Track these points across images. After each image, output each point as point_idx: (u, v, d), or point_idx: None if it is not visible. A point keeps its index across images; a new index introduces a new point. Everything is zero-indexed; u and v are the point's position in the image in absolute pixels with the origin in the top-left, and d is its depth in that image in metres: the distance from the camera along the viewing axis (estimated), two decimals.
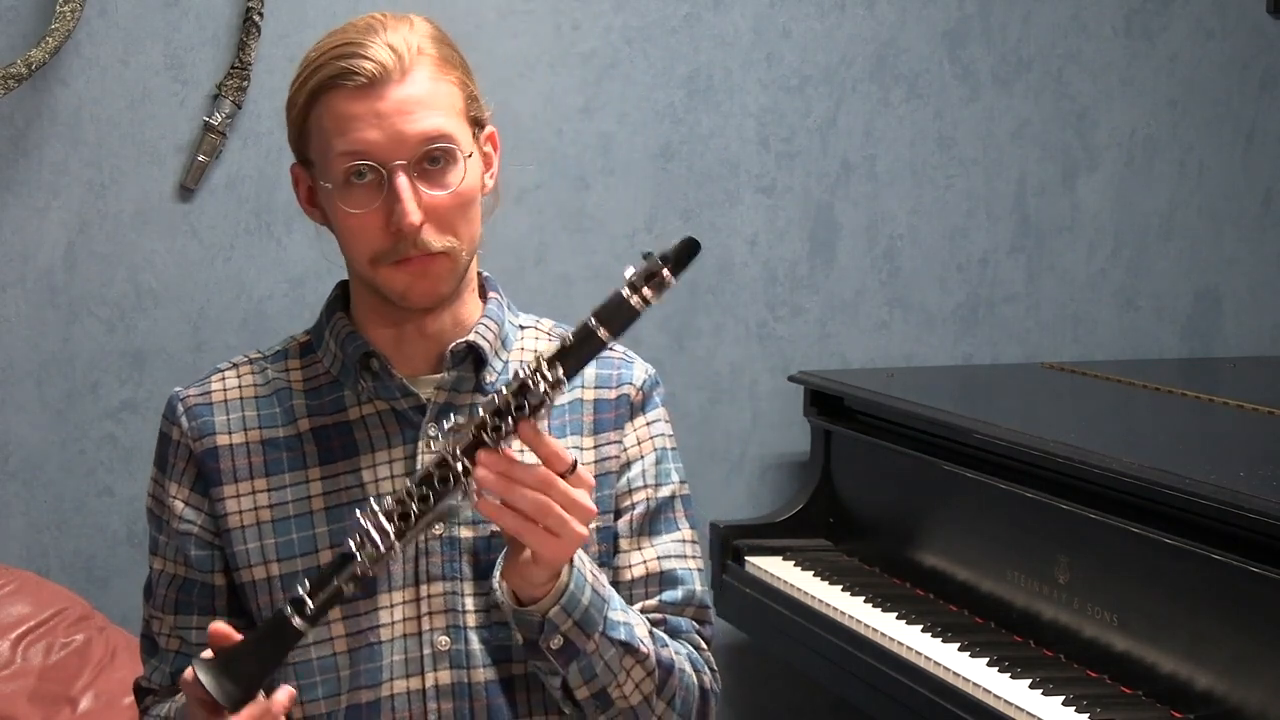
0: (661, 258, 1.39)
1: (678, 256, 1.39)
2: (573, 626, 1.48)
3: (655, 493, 1.66)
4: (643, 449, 1.66)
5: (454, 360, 1.60)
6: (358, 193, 1.52)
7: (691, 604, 1.66)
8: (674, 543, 1.66)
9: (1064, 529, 2.27)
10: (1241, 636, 1.98)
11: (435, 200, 1.52)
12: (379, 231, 1.52)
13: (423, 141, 1.51)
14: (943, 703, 2.23)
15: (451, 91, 1.54)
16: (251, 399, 1.62)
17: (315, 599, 1.41)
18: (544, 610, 1.47)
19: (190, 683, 1.41)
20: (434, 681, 1.56)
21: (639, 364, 1.71)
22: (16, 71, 2.59)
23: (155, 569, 1.64)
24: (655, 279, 1.39)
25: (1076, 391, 2.98)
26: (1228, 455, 2.40)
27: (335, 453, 1.59)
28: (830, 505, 2.92)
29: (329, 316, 1.65)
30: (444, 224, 1.53)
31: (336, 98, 1.51)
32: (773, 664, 3.19)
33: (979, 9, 3.25)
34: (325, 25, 2.89)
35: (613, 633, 1.52)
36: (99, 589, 2.79)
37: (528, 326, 1.70)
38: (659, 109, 3.07)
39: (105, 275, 2.77)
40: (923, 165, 3.26)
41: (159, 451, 1.64)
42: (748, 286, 3.17)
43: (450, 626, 1.56)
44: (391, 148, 1.50)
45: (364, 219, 1.52)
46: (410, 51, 1.52)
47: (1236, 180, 3.48)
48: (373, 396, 1.60)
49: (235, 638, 1.42)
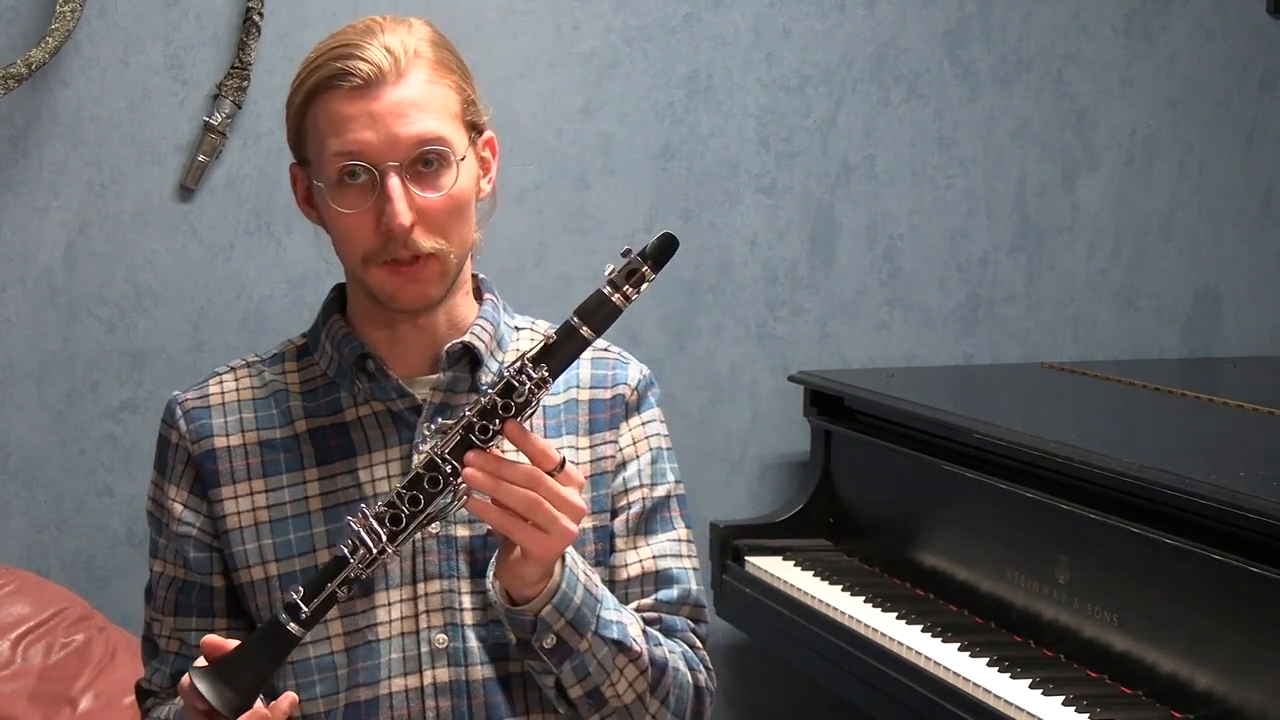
0: (641, 255, 1.41)
1: (656, 253, 1.42)
2: (565, 625, 1.49)
3: (651, 492, 1.67)
4: (638, 448, 1.67)
5: (449, 361, 1.61)
6: (350, 193, 1.53)
7: (687, 603, 1.67)
8: (670, 542, 1.67)
9: (1064, 529, 2.27)
10: (1241, 636, 1.98)
11: (427, 202, 1.53)
12: (370, 232, 1.53)
13: (416, 144, 1.52)
14: (943, 703, 2.23)
15: (447, 95, 1.55)
16: (249, 401, 1.63)
17: (309, 604, 1.42)
18: (536, 610, 1.48)
19: (188, 690, 1.41)
20: (432, 679, 1.56)
21: (634, 364, 1.71)
22: (16, 71, 2.59)
23: (155, 571, 1.65)
24: (635, 276, 1.42)
25: (1076, 391, 2.98)
26: (1228, 455, 2.40)
27: (332, 453, 1.60)
28: (830, 505, 2.93)
29: (325, 319, 1.65)
30: (435, 226, 1.54)
31: (332, 98, 1.52)
32: (773, 664, 3.19)
33: (979, 9, 3.25)
34: (325, 25, 2.91)
35: (605, 631, 1.52)
36: (99, 589, 2.79)
37: (523, 328, 1.70)
38: (659, 109, 3.07)
39: (105, 275, 2.78)
40: (923, 165, 3.26)
41: (158, 455, 1.65)
42: (748, 286, 3.17)
43: (447, 624, 1.57)
44: (384, 149, 1.51)
45: (356, 219, 1.53)
46: (407, 54, 1.53)
47: (1236, 180, 3.48)
48: (369, 398, 1.61)
49: (228, 647, 1.42)
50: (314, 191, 1.58)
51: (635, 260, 1.41)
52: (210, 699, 1.39)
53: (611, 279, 1.42)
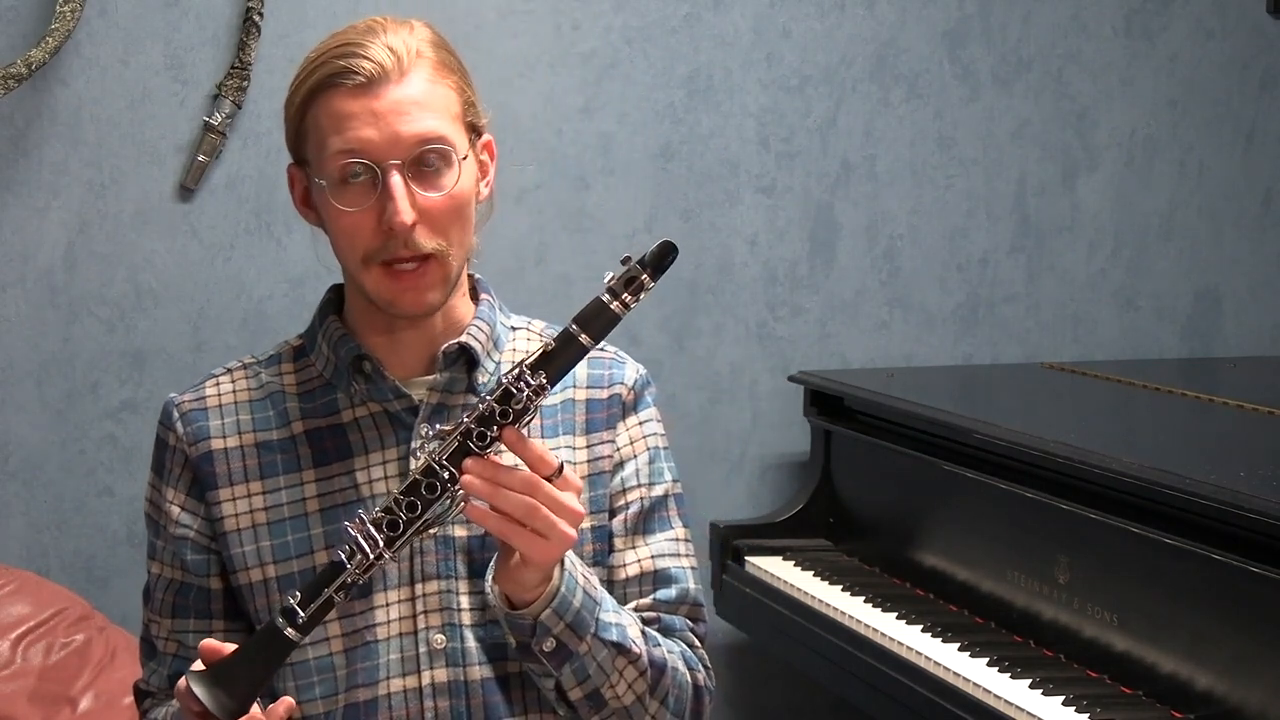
0: (640, 262, 1.42)
1: (655, 261, 1.42)
2: (565, 629, 1.49)
3: (649, 492, 1.67)
4: (635, 448, 1.67)
5: (446, 362, 1.61)
6: (352, 191, 1.53)
7: (685, 602, 1.67)
8: (668, 541, 1.67)
9: (1064, 529, 2.27)
10: (1241, 636, 1.98)
11: (429, 202, 1.53)
12: (371, 231, 1.53)
13: (418, 142, 1.52)
14: (943, 703, 2.23)
15: (448, 95, 1.55)
16: (246, 402, 1.63)
17: (306, 609, 1.42)
18: (536, 614, 1.48)
19: (184, 694, 1.41)
20: (430, 679, 1.56)
21: (630, 364, 1.71)
22: (16, 71, 2.59)
23: (153, 573, 1.65)
24: (634, 284, 1.42)
25: (1076, 391, 2.98)
26: (1228, 455, 2.40)
27: (329, 454, 1.60)
28: (830, 505, 2.93)
29: (321, 320, 1.65)
30: (436, 226, 1.54)
31: (334, 96, 1.52)
32: (773, 664, 3.19)
33: (979, 9, 3.25)
34: (325, 25, 2.91)
35: (605, 634, 1.53)
36: (99, 589, 2.79)
37: (519, 328, 1.70)
38: (659, 109, 3.07)
39: (105, 275, 2.78)
40: (923, 165, 3.26)
41: (155, 457, 1.66)
42: (748, 286, 3.16)
43: (446, 625, 1.57)
44: (386, 147, 1.51)
45: (357, 218, 1.53)
46: (409, 54, 1.53)
47: (1236, 180, 3.48)
48: (365, 399, 1.61)
49: (225, 651, 1.42)
50: (313, 190, 1.58)
51: (634, 268, 1.42)
52: (207, 704, 1.39)
53: (610, 286, 1.43)
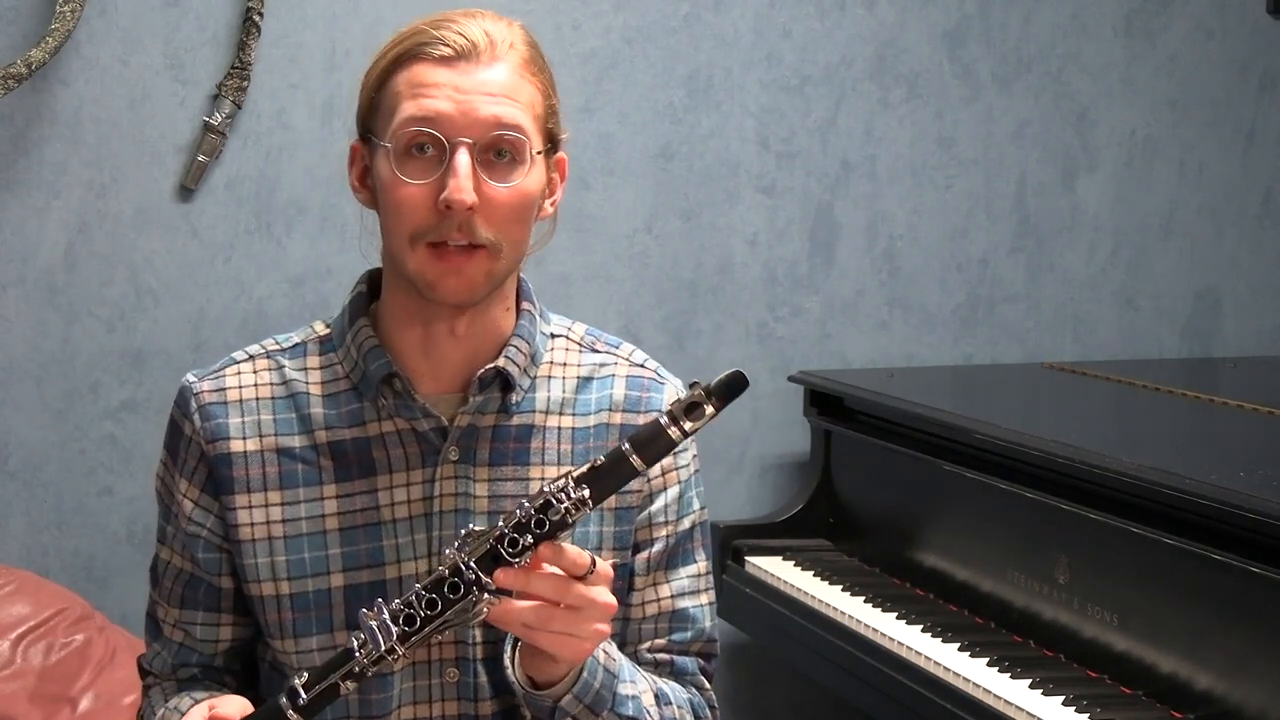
0: (706, 390, 1.37)
1: (722, 391, 1.37)
2: (583, 709, 1.48)
3: (676, 528, 1.63)
4: (667, 480, 1.63)
5: (480, 386, 1.55)
6: (416, 164, 1.47)
7: (700, 640, 1.65)
8: (689, 579, 1.64)
9: (1064, 529, 2.27)
10: (1241, 636, 1.98)
11: (493, 191, 1.47)
12: (427, 207, 1.46)
13: (493, 125, 1.47)
14: (943, 703, 2.23)
15: (533, 92, 1.51)
16: (268, 400, 1.58)
17: (310, 692, 1.39)
18: (558, 696, 1.46)
19: None
20: (441, 711, 1.55)
21: (670, 385, 1.65)
22: (16, 71, 2.59)
23: (163, 559, 1.61)
24: (696, 410, 1.38)
25: (1076, 391, 2.98)
26: (1228, 455, 2.40)
27: (352, 470, 1.55)
28: (830, 505, 2.92)
29: (352, 317, 1.59)
30: (495, 218, 1.47)
31: (418, 64, 1.48)
32: (773, 664, 3.19)
33: (979, 9, 3.25)
34: (325, 25, 2.92)
35: (621, 709, 1.51)
36: (99, 589, 2.79)
37: (558, 335, 1.64)
38: (659, 109, 3.07)
39: (105, 275, 2.77)
40: (923, 165, 3.26)
41: (169, 437, 1.60)
42: (748, 286, 3.16)
43: (459, 659, 1.54)
44: (461, 123, 1.46)
45: (414, 191, 1.47)
46: (504, 42, 1.49)
47: (1236, 180, 3.48)
48: (393, 414, 1.55)
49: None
50: (375, 161, 1.52)
51: (699, 394, 1.37)
52: None
53: (671, 411, 1.38)
